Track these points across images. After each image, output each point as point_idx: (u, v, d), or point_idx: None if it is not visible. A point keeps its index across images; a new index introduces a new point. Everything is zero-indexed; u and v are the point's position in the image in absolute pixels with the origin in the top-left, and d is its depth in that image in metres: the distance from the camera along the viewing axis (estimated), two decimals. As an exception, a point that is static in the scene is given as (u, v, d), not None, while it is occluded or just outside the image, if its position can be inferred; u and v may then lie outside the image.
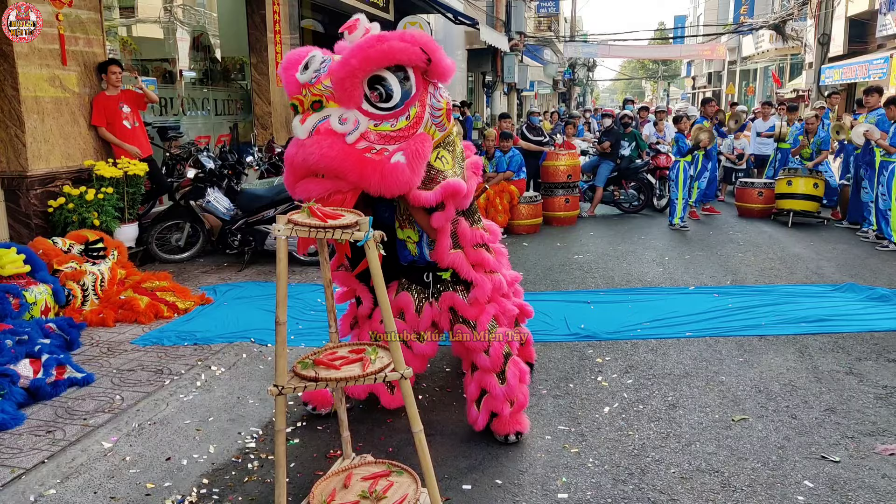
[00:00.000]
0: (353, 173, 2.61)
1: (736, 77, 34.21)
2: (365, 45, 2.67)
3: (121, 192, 5.83)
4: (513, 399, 3.12)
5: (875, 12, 16.32)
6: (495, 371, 3.10)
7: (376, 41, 2.67)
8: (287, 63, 2.88)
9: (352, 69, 2.63)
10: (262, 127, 9.07)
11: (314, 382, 2.19)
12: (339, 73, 2.66)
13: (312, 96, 2.68)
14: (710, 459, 3.02)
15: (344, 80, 2.65)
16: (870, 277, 6.20)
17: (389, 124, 2.74)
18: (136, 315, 4.74)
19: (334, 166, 2.61)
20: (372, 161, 2.64)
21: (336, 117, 2.67)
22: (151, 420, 3.31)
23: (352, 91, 2.67)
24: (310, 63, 2.76)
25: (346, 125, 2.67)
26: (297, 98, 2.71)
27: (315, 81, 2.71)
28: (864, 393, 3.73)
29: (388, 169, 2.64)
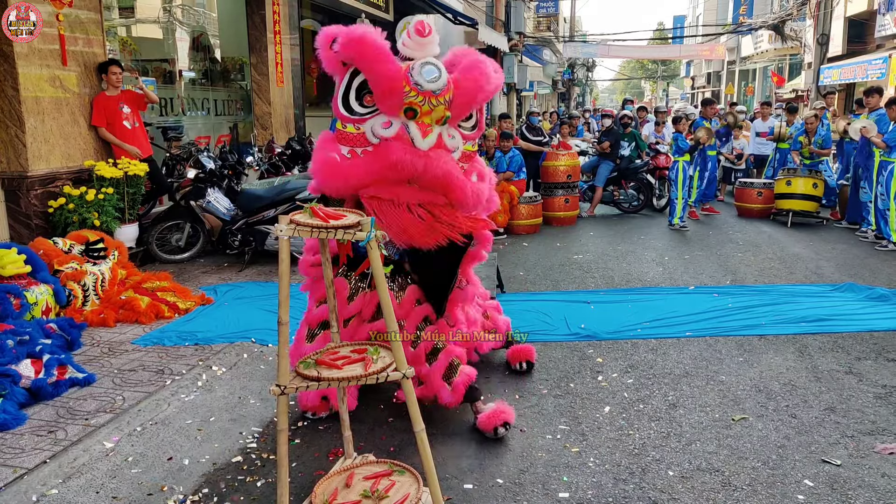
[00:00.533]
0: (459, 192, 2.81)
1: (735, 77, 34.24)
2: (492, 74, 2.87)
3: (121, 192, 5.83)
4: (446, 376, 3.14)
5: (874, 12, 16.35)
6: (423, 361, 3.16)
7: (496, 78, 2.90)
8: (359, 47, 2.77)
9: (486, 97, 2.85)
10: (262, 127, 9.08)
11: (317, 382, 2.20)
12: (472, 98, 2.82)
13: (445, 111, 2.79)
14: (711, 459, 3.03)
15: (473, 105, 2.84)
16: (869, 277, 6.22)
17: (471, 144, 2.94)
18: (137, 315, 4.74)
19: (450, 183, 2.76)
20: (471, 184, 2.87)
21: (445, 133, 2.82)
22: (153, 420, 3.31)
23: (469, 112, 2.86)
24: (425, 70, 2.77)
25: (453, 142, 2.84)
26: (416, 104, 2.76)
27: (440, 93, 2.78)
28: (864, 392, 3.74)
29: (480, 191, 2.89)
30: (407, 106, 2.74)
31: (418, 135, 2.71)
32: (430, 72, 2.75)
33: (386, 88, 2.75)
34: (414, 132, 2.73)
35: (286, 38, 9.28)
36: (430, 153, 2.71)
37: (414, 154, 2.73)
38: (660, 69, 55.40)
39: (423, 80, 2.73)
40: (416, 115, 2.74)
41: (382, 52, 2.77)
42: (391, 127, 2.81)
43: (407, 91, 2.73)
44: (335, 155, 2.87)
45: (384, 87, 2.75)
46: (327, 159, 2.87)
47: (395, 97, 2.75)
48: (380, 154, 2.79)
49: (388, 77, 2.74)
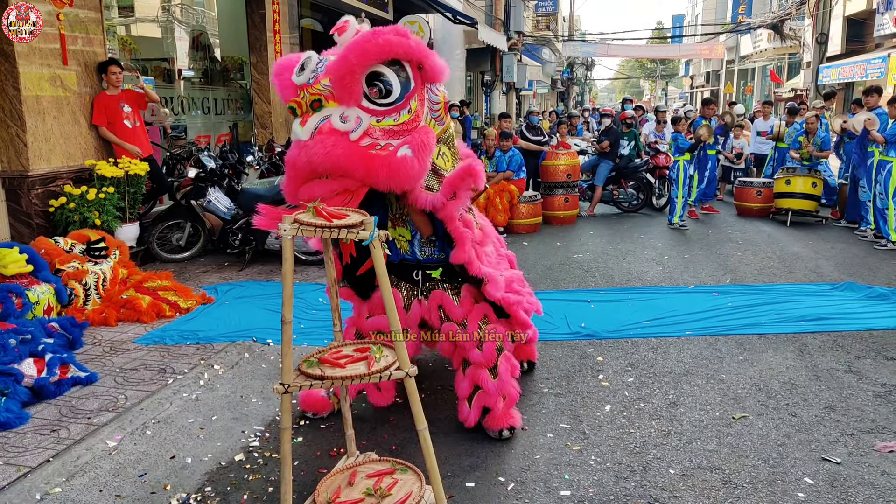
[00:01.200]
0: (360, 170, 2.60)
1: (734, 76, 34.26)
2: (361, 40, 2.67)
3: (122, 191, 5.84)
4: (505, 394, 3.15)
5: (873, 12, 16.36)
6: (488, 366, 3.13)
7: (372, 36, 2.68)
8: (279, 68, 2.86)
9: (350, 66, 2.63)
10: (262, 126, 9.08)
11: (320, 381, 2.21)
12: (337, 71, 2.65)
13: (311, 96, 2.66)
14: (712, 457, 3.05)
15: (343, 78, 2.64)
16: (868, 276, 6.23)
17: (392, 119, 2.74)
18: (139, 314, 4.75)
19: (340, 164, 2.59)
20: (378, 156, 2.63)
21: (337, 116, 2.66)
22: (155, 419, 3.32)
23: (351, 88, 2.66)
24: (306, 64, 2.74)
25: (349, 123, 2.65)
26: (295, 101, 2.67)
27: (313, 81, 2.70)
28: (864, 391, 3.76)
29: (396, 162, 2.62)
30: (288, 105, 2.71)
31: (299, 128, 2.65)
32: (309, 65, 2.74)
33: (285, 97, 2.81)
34: (296, 127, 2.68)
35: (286, 38, 9.28)
36: (307, 142, 2.61)
37: (297, 147, 2.66)
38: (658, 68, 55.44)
39: (296, 77, 2.74)
40: (296, 111, 2.68)
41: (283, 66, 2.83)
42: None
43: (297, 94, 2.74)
44: None
45: (283, 96, 2.82)
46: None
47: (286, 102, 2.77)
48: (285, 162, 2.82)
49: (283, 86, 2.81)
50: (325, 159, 2.59)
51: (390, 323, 2.26)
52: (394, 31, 2.72)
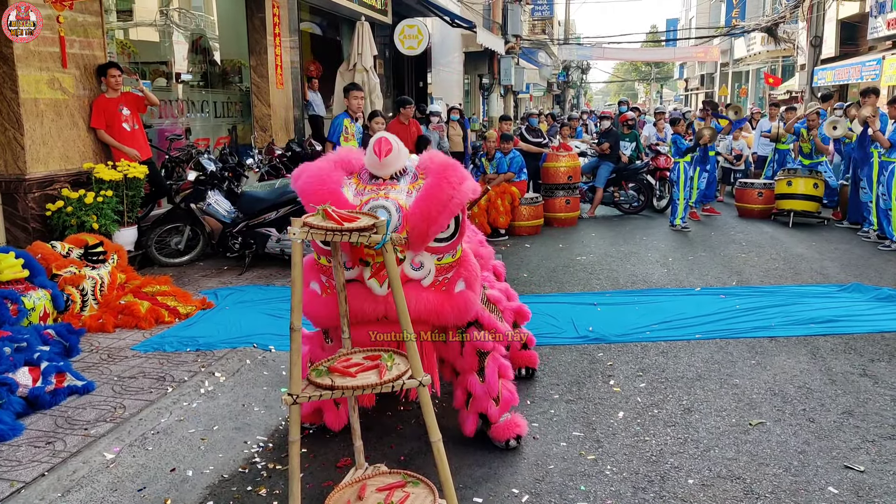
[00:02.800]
0: (433, 317, 2.76)
1: (728, 79, 34.32)
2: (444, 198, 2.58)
3: (120, 195, 5.74)
4: (495, 395, 3.05)
5: (866, 15, 16.39)
6: (473, 370, 3.06)
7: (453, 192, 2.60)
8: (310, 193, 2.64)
9: (440, 228, 2.64)
10: (261, 129, 8.99)
11: (330, 391, 2.11)
12: (426, 231, 2.62)
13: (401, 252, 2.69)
14: (731, 465, 2.96)
15: (429, 237, 2.66)
16: (874, 277, 6.17)
17: (450, 255, 2.81)
18: (137, 320, 4.64)
19: (420, 318, 2.71)
20: (448, 297, 2.77)
21: (409, 264, 2.73)
22: (155, 429, 3.22)
23: (431, 238, 2.70)
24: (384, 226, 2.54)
25: (420, 271, 2.75)
26: (368, 255, 2.68)
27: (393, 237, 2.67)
28: (881, 395, 3.68)
29: (462, 304, 2.78)
30: (360, 258, 2.71)
31: (376, 284, 2.70)
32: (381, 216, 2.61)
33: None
34: (371, 282, 2.71)
35: (286, 41, 9.20)
36: (389, 297, 2.66)
37: (372, 301, 2.72)
38: (653, 71, 55.58)
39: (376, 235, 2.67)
40: (370, 264, 2.70)
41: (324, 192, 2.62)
42: (353, 269, 2.75)
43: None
44: (315, 284, 2.84)
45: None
46: (310, 293, 2.84)
47: (343, 245, 2.67)
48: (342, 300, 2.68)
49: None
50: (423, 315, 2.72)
51: (403, 330, 2.17)
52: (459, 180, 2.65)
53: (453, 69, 17.42)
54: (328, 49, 12.17)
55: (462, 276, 2.81)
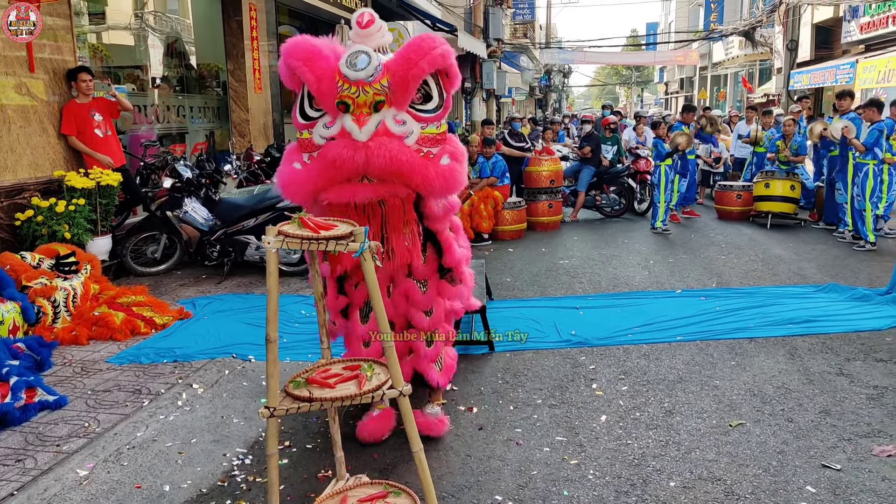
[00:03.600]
0: (418, 178, 2.64)
1: (707, 82, 34.75)
2: (427, 46, 2.68)
3: (93, 203, 5.63)
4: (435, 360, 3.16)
5: (840, 20, 16.68)
6: (432, 361, 3.19)
7: (434, 43, 2.70)
8: (304, 52, 2.71)
9: (420, 71, 2.65)
10: (239, 135, 8.90)
11: (308, 403, 2.07)
12: (405, 74, 2.64)
13: (375, 96, 2.64)
14: (712, 467, 2.97)
15: (410, 82, 2.65)
16: (850, 277, 6.25)
17: (434, 126, 2.77)
18: (112, 332, 4.55)
19: (403, 171, 2.61)
20: (434, 164, 2.68)
21: (391, 118, 2.67)
22: (130, 444, 3.14)
23: (412, 93, 2.69)
24: (356, 60, 2.66)
25: (403, 127, 2.68)
26: (348, 96, 2.64)
27: (372, 80, 2.65)
28: (857, 394, 3.72)
29: (449, 172, 2.69)
30: (339, 99, 2.65)
31: (355, 127, 2.62)
32: (362, 61, 2.65)
33: (318, 87, 2.68)
34: (350, 125, 2.63)
35: (264, 45, 9.13)
36: (369, 143, 2.59)
37: (352, 147, 2.60)
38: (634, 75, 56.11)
39: (351, 71, 2.64)
40: (350, 108, 2.65)
41: (312, 51, 2.70)
42: (334, 125, 2.71)
43: (339, 85, 2.64)
44: (296, 164, 2.79)
45: (316, 85, 2.68)
46: (285, 169, 2.80)
47: (328, 93, 2.67)
48: (321, 155, 2.69)
49: (317, 75, 2.67)
50: (389, 164, 2.58)
51: (382, 339, 2.14)
52: (443, 42, 2.76)
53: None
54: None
55: (448, 151, 2.76)
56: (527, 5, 29.89)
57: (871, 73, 14.13)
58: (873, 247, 7.42)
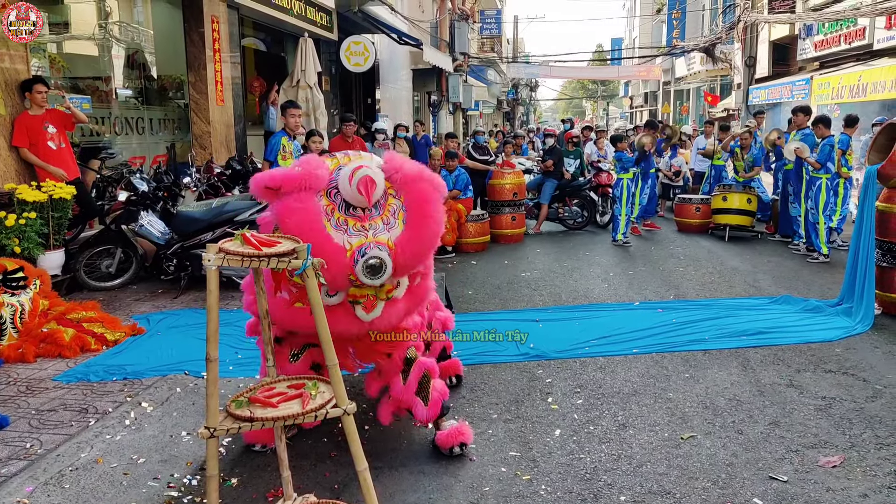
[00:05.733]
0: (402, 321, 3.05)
1: (671, 97, 35.50)
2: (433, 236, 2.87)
3: (45, 216, 5.48)
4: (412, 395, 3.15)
5: (795, 37, 17.24)
6: (398, 372, 3.17)
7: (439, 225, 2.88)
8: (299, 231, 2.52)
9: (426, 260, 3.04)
10: (200, 147, 8.77)
11: (249, 423, 2.04)
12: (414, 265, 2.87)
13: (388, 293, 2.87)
14: (662, 480, 3.00)
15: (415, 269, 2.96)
16: (803, 289, 6.42)
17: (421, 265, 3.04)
18: (60, 349, 4.43)
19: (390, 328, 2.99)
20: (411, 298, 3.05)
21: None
22: (73, 465, 3.05)
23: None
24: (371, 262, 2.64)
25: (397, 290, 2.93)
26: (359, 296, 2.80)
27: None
28: (805, 405, 3.80)
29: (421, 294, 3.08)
30: (351, 299, 2.78)
31: (363, 313, 2.81)
32: (368, 265, 2.62)
33: (330, 281, 2.61)
34: (359, 312, 2.81)
35: (227, 57, 9.04)
36: (374, 322, 2.84)
37: (358, 326, 2.84)
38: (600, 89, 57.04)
39: (365, 278, 2.65)
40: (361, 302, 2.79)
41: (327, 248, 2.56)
42: (336, 295, 2.78)
43: (352, 280, 2.68)
44: (285, 294, 2.81)
45: (328, 279, 2.53)
46: (277, 299, 2.79)
47: (339, 286, 2.73)
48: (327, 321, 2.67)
49: (331, 275, 2.58)
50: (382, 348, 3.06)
51: (326, 357, 2.12)
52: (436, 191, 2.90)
53: (402, 86, 17.46)
54: (273, 65, 12.03)
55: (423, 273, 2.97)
56: (493, 20, 30.23)
57: (825, 89, 14.62)
58: (827, 259, 7.63)
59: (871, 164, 5.65)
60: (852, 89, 13.22)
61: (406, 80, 17.93)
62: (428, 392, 3.16)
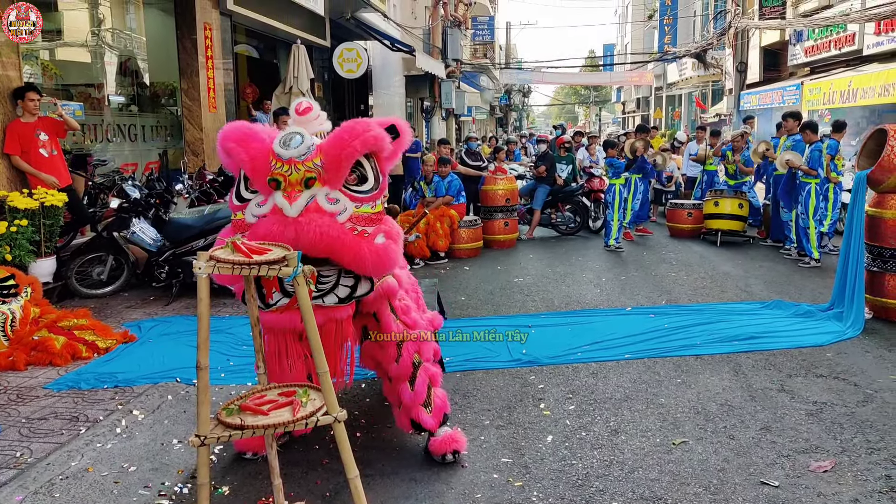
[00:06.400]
0: (349, 255, 2.67)
1: (663, 102, 35.70)
2: (360, 129, 2.76)
3: (37, 224, 5.47)
4: (422, 402, 3.16)
5: (786, 43, 17.39)
6: (405, 378, 3.15)
7: (368, 126, 2.78)
8: (237, 135, 2.79)
9: (353, 151, 2.72)
10: (193, 153, 8.76)
11: (240, 431, 2.04)
12: (339, 153, 2.71)
13: (306, 172, 2.70)
14: (653, 486, 3.01)
15: (342, 161, 2.71)
16: (794, 293, 6.45)
17: (369, 206, 2.82)
18: (51, 357, 4.41)
19: (333, 247, 2.64)
20: (367, 243, 2.71)
21: (324, 197, 2.72)
22: (64, 474, 3.03)
23: (344, 172, 2.75)
24: (290, 140, 2.73)
25: (335, 205, 2.73)
26: (280, 173, 2.69)
27: (305, 158, 2.71)
28: (796, 410, 3.82)
29: (383, 250, 2.73)
30: (270, 177, 2.70)
31: (286, 203, 2.66)
32: (295, 141, 2.73)
33: (252, 166, 2.73)
34: (281, 201, 2.67)
35: (219, 63, 9.04)
36: (300, 219, 2.64)
37: (282, 223, 2.64)
38: (592, 95, 57.28)
39: (284, 150, 2.70)
40: (281, 185, 2.70)
41: (247, 133, 2.77)
42: (266, 203, 2.75)
43: (272, 163, 2.71)
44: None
45: (250, 164, 2.73)
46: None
47: (261, 173, 2.73)
48: (252, 232, 2.70)
49: (251, 155, 2.73)
50: (319, 239, 2.61)
51: (317, 365, 2.12)
52: (379, 124, 2.84)
53: (395, 92, 17.49)
54: (266, 72, 12.04)
55: (382, 230, 2.82)
56: (486, 26, 30.35)
57: (816, 94, 14.74)
58: (818, 263, 7.68)
59: (860, 169, 5.70)
60: (843, 94, 13.34)
61: (399, 87, 17.96)
62: (431, 400, 3.19)
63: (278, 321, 2.76)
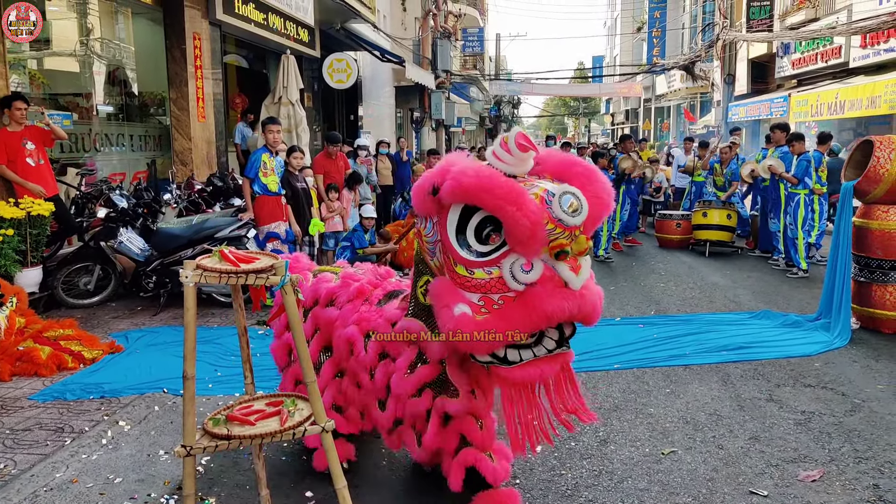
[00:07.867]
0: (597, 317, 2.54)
1: (651, 114, 36.02)
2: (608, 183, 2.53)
3: (23, 233, 5.42)
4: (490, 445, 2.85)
5: (773, 55, 17.62)
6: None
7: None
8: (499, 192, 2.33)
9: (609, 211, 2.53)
10: (181, 163, 8.72)
11: (226, 441, 2.02)
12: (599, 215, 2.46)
13: (586, 242, 2.43)
14: (643, 497, 3.00)
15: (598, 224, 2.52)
16: (783, 304, 6.50)
17: None
18: (37, 367, 4.36)
19: (595, 314, 2.50)
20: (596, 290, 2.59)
21: (586, 263, 2.48)
22: (48, 486, 2.99)
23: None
24: (570, 205, 2.34)
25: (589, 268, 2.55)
26: (565, 243, 2.34)
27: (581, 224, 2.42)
28: (785, 419, 3.84)
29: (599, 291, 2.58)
30: (557, 249, 2.34)
31: (571, 276, 2.37)
32: (569, 202, 2.36)
33: (527, 234, 2.29)
34: (566, 274, 2.36)
35: (209, 73, 9.03)
36: (583, 291, 2.40)
37: (569, 300, 2.37)
38: (581, 106, 57.68)
39: (567, 216, 2.33)
40: (567, 255, 2.37)
41: (515, 191, 2.32)
42: (533, 269, 2.36)
43: (551, 229, 2.32)
44: (466, 308, 2.40)
45: (524, 232, 2.29)
46: (462, 318, 2.39)
47: (538, 241, 2.32)
48: (529, 304, 2.36)
49: (529, 221, 2.27)
50: (590, 309, 2.44)
51: (304, 374, 2.11)
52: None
53: (384, 103, 17.56)
54: (256, 82, 12.04)
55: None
56: (476, 38, 30.55)
57: (803, 106, 14.92)
58: (806, 274, 7.74)
59: (847, 179, 5.77)
60: (830, 106, 13.52)
61: (389, 98, 18.04)
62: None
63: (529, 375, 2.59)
